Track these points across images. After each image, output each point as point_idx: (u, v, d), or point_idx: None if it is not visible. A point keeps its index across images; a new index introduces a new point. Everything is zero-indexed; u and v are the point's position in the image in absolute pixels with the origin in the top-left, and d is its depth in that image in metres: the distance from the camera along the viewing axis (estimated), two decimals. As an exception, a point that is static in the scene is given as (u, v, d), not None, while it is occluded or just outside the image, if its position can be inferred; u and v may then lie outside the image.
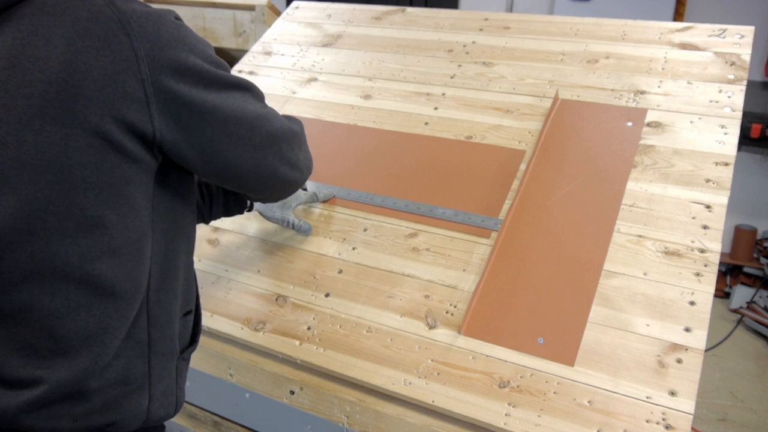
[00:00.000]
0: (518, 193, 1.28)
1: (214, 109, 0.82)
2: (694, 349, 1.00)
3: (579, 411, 0.97)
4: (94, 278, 0.76)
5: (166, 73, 0.76)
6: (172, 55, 0.77)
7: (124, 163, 0.75)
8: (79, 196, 0.73)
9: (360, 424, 1.09)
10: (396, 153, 1.46)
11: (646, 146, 1.30)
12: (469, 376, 1.05)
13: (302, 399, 1.14)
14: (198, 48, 0.81)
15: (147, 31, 0.75)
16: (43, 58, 0.71)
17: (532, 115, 1.44)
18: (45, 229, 0.72)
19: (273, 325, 1.21)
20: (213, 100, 0.82)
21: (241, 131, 0.86)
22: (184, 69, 0.78)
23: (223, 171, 0.89)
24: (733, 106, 1.31)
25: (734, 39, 1.45)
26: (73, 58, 0.71)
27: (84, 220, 0.74)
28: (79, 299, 0.75)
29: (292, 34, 1.89)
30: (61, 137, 0.71)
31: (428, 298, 1.18)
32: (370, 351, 1.13)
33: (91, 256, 0.75)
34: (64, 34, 0.71)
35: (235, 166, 0.89)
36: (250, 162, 0.90)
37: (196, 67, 0.80)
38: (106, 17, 0.73)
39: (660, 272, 1.10)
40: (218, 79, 0.83)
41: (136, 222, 0.79)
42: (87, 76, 0.71)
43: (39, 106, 0.70)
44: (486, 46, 1.64)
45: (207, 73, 0.81)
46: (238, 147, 0.87)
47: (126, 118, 0.74)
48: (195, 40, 0.82)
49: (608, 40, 1.55)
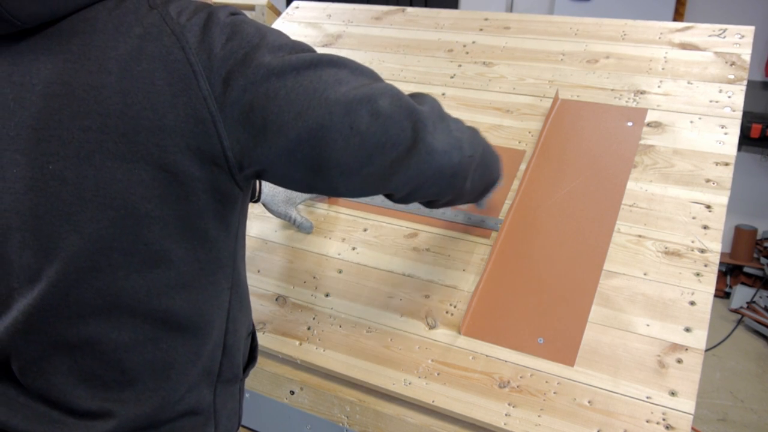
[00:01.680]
0: (518, 193, 1.28)
1: (290, 102, 0.68)
2: (695, 349, 1.00)
3: (579, 411, 0.97)
4: (161, 313, 0.72)
5: (227, 81, 0.67)
6: (231, 60, 0.68)
7: (192, 194, 0.69)
8: (144, 231, 0.68)
9: (360, 424, 1.09)
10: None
11: (646, 146, 1.30)
12: (469, 376, 1.05)
13: (302, 399, 1.14)
14: (259, 39, 0.70)
15: (200, 40, 0.67)
16: (98, 87, 0.65)
17: (532, 115, 1.44)
18: (110, 265, 0.69)
19: (273, 325, 1.21)
20: (287, 87, 0.69)
21: (336, 118, 0.70)
22: (245, 68, 0.68)
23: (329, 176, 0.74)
24: (733, 106, 1.31)
25: (734, 39, 1.45)
26: (129, 86, 0.65)
27: (149, 255, 0.69)
28: (147, 333, 0.72)
29: (292, 34, 1.89)
30: (123, 172, 0.66)
31: (428, 298, 1.18)
32: (370, 351, 1.13)
33: (158, 291, 0.71)
34: (118, 57, 0.66)
35: (342, 165, 0.73)
36: (361, 156, 0.73)
37: (259, 60, 0.69)
38: (160, 31, 0.67)
39: (660, 272, 1.10)
40: (291, 64, 0.69)
41: (209, 255, 0.73)
42: (146, 105, 0.65)
43: (98, 140, 0.65)
44: (486, 46, 1.64)
45: (276, 63, 0.69)
46: (340, 141, 0.71)
47: (191, 144, 0.67)
48: (255, 32, 0.71)
49: (608, 40, 1.55)
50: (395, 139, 0.75)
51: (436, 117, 0.82)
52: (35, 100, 0.66)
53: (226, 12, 0.72)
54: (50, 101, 0.66)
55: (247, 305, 0.85)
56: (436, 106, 0.86)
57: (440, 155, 0.82)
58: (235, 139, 0.69)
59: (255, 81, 0.68)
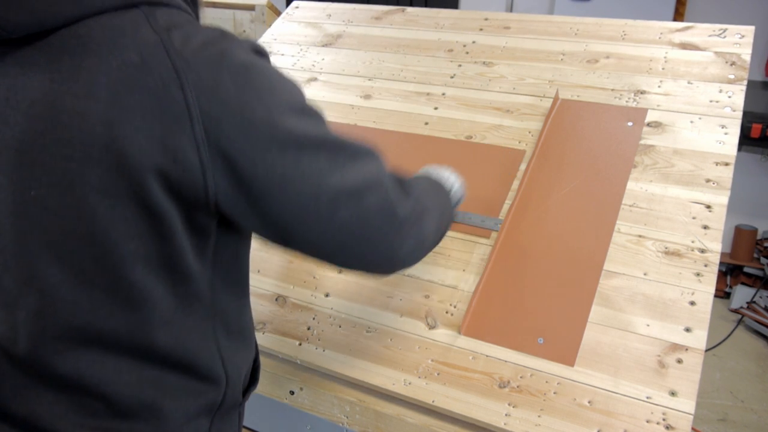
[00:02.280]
0: (518, 193, 1.28)
1: (282, 180, 0.66)
2: (695, 349, 1.00)
3: (579, 411, 0.97)
4: (144, 349, 0.69)
5: (225, 133, 0.62)
6: (235, 110, 0.63)
7: (175, 233, 0.66)
8: (127, 270, 0.65)
9: (360, 424, 1.09)
10: (395, 153, 1.46)
11: (646, 146, 1.30)
12: (469, 376, 1.05)
13: (302, 399, 1.14)
14: (274, 95, 0.66)
15: (204, 79, 0.62)
16: (83, 114, 0.60)
17: (532, 115, 1.44)
18: (91, 302, 0.66)
19: (273, 325, 1.21)
20: (284, 166, 0.65)
21: (321, 207, 0.68)
22: (248, 127, 0.63)
23: (298, 247, 0.73)
24: (733, 106, 1.31)
25: (734, 39, 1.45)
26: (118, 117, 0.60)
27: (132, 294, 0.66)
28: (132, 368, 0.69)
29: (292, 34, 1.89)
30: (105, 208, 0.62)
31: (428, 298, 1.18)
32: (370, 351, 1.12)
33: (139, 329, 0.68)
34: (109, 84, 0.60)
35: (311, 244, 0.72)
36: (333, 243, 0.72)
37: (268, 122, 0.64)
38: (159, 63, 0.61)
39: (660, 272, 1.10)
40: (296, 139, 0.66)
41: (187, 289, 0.71)
42: (133, 141, 0.60)
43: (80, 172, 0.61)
44: (486, 46, 1.64)
45: (283, 130, 0.65)
46: (315, 225, 0.70)
47: (175, 187, 0.63)
48: (270, 84, 0.66)
49: (608, 40, 1.55)
50: (370, 239, 0.75)
51: (415, 218, 0.80)
52: (19, 119, 0.62)
53: (246, 49, 0.67)
54: (34, 123, 0.62)
55: (241, 331, 0.81)
56: (420, 201, 0.83)
57: (404, 255, 0.81)
58: (220, 190, 0.65)
59: (255, 144, 0.64)
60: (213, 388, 0.76)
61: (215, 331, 0.75)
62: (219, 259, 0.73)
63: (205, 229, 0.69)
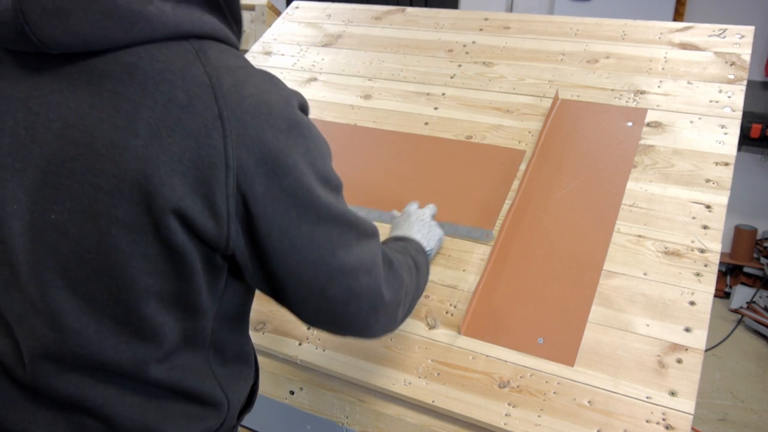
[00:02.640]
0: (518, 193, 1.28)
1: (291, 246, 0.67)
2: (694, 349, 1.00)
3: (579, 411, 0.97)
4: (147, 380, 0.69)
5: (254, 189, 0.62)
6: (269, 168, 0.63)
7: (194, 273, 0.66)
8: (141, 305, 0.65)
9: (360, 424, 1.09)
10: (395, 153, 1.46)
11: (646, 146, 1.30)
12: (469, 376, 1.05)
13: (302, 399, 1.14)
14: (308, 159, 0.66)
15: (248, 133, 0.61)
16: (120, 147, 0.59)
17: (532, 115, 1.44)
18: (98, 332, 0.66)
19: (273, 325, 1.21)
20: (297, 234, 0.66)
21: (318, 279, 0.70)
22: (276, 189, 0.64)
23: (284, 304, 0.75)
24: (733, 106, 1.31)
25: (734, 39, 1.45)
26: (155, 156, 0.59)
27: (142, 328, 0.66)
28: (135, 394, 0.70)
29: (292, 34, 1.89)
30: (127, 243, 0.62)
31: (428, 298, 1.18)
32: (370, 351, 1.12)
33: (144, 361, 0.68)
34: (151, 120, 0.59)
35: (296, 306, 0.74)
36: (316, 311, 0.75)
37: (296, 187, 0.65)
38: (205, 107, 0.60)
39: (660, 272, 1.10)
40: (318, 209, 0.67)
41: (195, 324, 0.71)
42: (165, 181, 0.59)
43: (107, 203, 0.60)
44: (486, 46, 1.64)
45: (307, 199, 0.66)
46: (305, 293, 0.71)
47: (200, 231, 0.63)
48: (307, 148, 0.66)
49: (608, 40, 1.55)
50: (351, 316, 0.76)
51: (397, 302, 0.83)
52: (50, 138, 0.61)
53: (293, 105, 0.66)
54: (66, 145, 0.61)
55: (239, 359, 0.81)
56: (404, 285, 0.85)
57: (378, 331, 0.83)
58: (238, 242, 0.66)
59: (278, 206, 0.64)
60: (214, 413, 0.77)
61: (213, 360, 0.76)
62: (227, 296, 0.74)
63: (221, 269, 0.70)
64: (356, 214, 0.74)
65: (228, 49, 0.67)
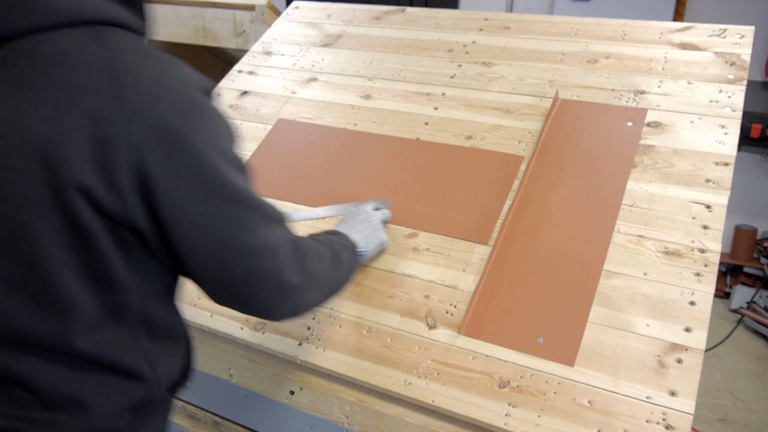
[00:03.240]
0: (518, 193, 1.28)
1: (193, 224, 0.70)
2: (695, 349, 1.00)
3: (579, 411, 0.97)
4: (70, 352, 0.72)
5: (155, 167, 0.66)
6: (169, 146, 0.66)
7: (104, 248, 0.69)
8: (55, 280, 0.68)
9: (360, 424, 1.09)
10: (393, 159, 1.46)
11: (646, 146, 1.30)
12: (469, 376, 1.05)
13: (302, 399, 1.14)
14: (210, 139, 0.69)
15: (147, 112, 0.65)
16: (22, 128, 0.64)
17: (532, 115, 1.44)
18: (18, 307, 0.69)
19: (273, 325, 1.21)
20: (202, 211, 0.70)
21: (217, 257, 0.73)
22: (178, 165, 0.67)
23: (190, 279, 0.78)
24: (733, 106, 1.31)
25: (734, 39, 1.45)
26: (57, 135, 0.63)
27: (59, 303, 0.69)
28: (58, 366, 0.72)
29: (292, 34, 1.89)
30: (36, 219, 0.66)
31: (428, 298, 1.18)
32: (370, 351, 1.13)
33: (68, 334, 0.71)
34: (52, 101, 0.64)
35: (200, 282, 0.77)
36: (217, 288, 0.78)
37: (196, 165, 0.68)
38: (102, 87, 0.64)
39: (660, 272, 1.10)
40: (220, 187, 0.70)
41: (115, 297, 0.73)
42: (68, 159, 0.63)
43: (14, 182, 0.65)
44: (486, 46, 1.64)
45: (209, 177, 0.69)
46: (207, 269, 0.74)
47: (105, 208, 0.66)
48: (207, 127, 0.69)
49: (608, 40, 1.55)
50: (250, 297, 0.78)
51: (300, 291, 0.83)
52: None
53: (193, 87, 0.69)
54: None
55: (169, 334, 0.83)
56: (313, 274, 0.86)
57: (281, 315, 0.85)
58: (140, 214, 0.69)
59: (179, 183, 0.68)
60: (140, 386, 0.79)
61: (141, 336, 0.78)
62: (152, 273, 0.76)
63: (133, 244, 0.72)
64: (262, 199, 0.77)
65: (129, 35, 0.70)
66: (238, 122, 1.66)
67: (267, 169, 1.51)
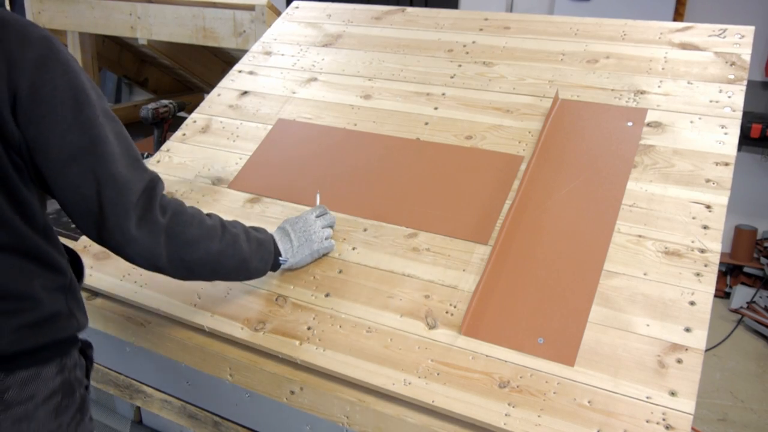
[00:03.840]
0: (518, 193, 1.28)
1: (72, 152, 0.87)
2: (695, 349, 1.00)
3: (579, 411, 0.97)
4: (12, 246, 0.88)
5: (24, 88, 0.83)
6: (37, 68, 0.84)
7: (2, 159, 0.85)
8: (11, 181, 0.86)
9: (360, 424, 1.09)
10: (393, 159, 1.46)
11: (646, 146, 1.30)
12: (469, 376, 1.05)
13: (302, 399, 1.14)
14: (71, 71, 0.88)
15: (10, 47, 0.83)
16: None
17: (532, 115, 1.44)
18: None
19: (273, 325, 1.21)
20: (63, 128, 0.86)
21: (73, 174, 0.88)
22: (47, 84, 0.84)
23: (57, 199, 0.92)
24: (733, 106, 1.31)
25: (734, 39, 1.45)
26: None
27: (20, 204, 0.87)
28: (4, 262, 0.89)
29: (292, 34, 1.89)
30: None
31: (428, 298, 1.18)
32: (370, 351, 1.12)
33: None
34: None
35: (63, 204, 0.91)
36: (70, 207, 0.91)
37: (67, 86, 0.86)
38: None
39: (660, 272, 1.10)
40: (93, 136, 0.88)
41: (30, 209, 0.89)
42: None
43: None
44: (486, 46, 1.64)
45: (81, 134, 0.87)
46: (64, 188, 0.89)
47: None
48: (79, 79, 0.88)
49: (608, 40, 1.55)
50: (104, 224, 0.91)
51: (144, 238, 0.94)
52: None
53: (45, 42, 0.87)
54: None
55: (48, 266, 0.95)
56: (170, 230, 0.97)
57: (129, 252, 0.96)
58: (22, 143, 0.85)
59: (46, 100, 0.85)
60: (27, 308, 0.92)
61: (50, 241, 0.95)
62: (29, 208, 0.90)
63: (22, 167, 0.87)
64: (132, 143, 0.94)
65: None
66: (238, 122, 1.66)
67: (267, 169, 1.51)
